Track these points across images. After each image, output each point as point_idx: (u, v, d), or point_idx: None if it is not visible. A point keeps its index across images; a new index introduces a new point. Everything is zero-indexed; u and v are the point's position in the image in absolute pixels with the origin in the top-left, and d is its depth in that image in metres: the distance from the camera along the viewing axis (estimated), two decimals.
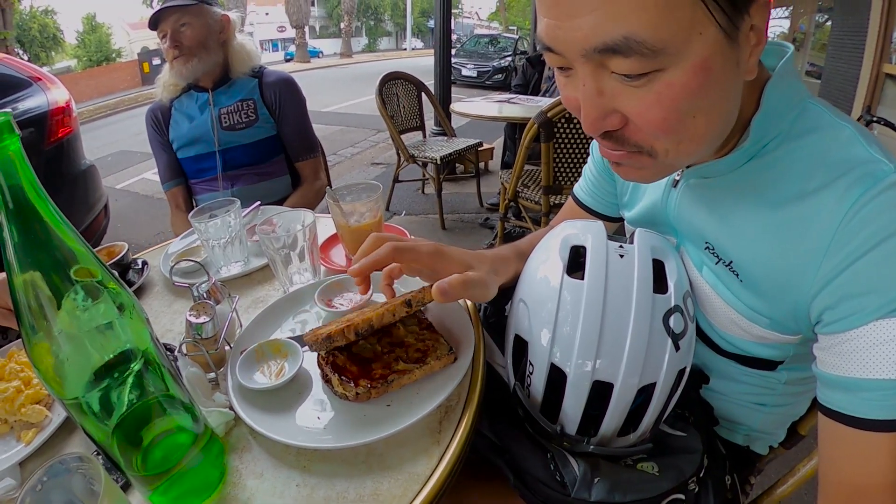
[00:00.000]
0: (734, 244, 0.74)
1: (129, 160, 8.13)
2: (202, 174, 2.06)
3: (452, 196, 4.75)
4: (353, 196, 1.18)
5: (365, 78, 18.66)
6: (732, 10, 0.55)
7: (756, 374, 0.85)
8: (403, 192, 4.92)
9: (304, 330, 0.99)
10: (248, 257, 1.29)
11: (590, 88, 0.61)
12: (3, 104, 3.21)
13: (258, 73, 2.07)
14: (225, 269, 1.26)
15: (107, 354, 0.58)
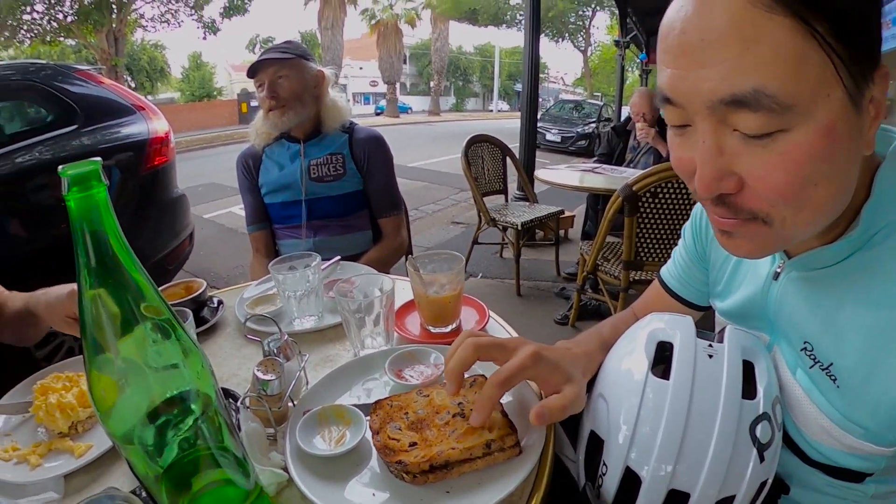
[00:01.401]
0: (836, 346, 0.68)
1: (219, 192, 8.57)
2: (287, 221, 2.11)
3: (530, 262, 4.70)
4: (435, 265, 1.17)
5: (451, 136, 19.08)
6: (859, 73, 0.53)
7: (841, 485, 0.77)
8: (481, 255, 4.90)
9: (370, 398, 0.96)
10: (323, 313, 1.29)
11: (709, 145, 0.58)
12: (107, 128, 3.41)
13: (349, 129, 2.13)
14: (298, 322, 1.26)
15: (168, 392, 0.59)
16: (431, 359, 1.01)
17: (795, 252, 0.72)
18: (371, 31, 37.95)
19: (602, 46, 35.61)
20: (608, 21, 29.53)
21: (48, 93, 3.35)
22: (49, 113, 3.42)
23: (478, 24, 28.98)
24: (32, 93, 3.39)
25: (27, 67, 3.56)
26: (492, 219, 4.12)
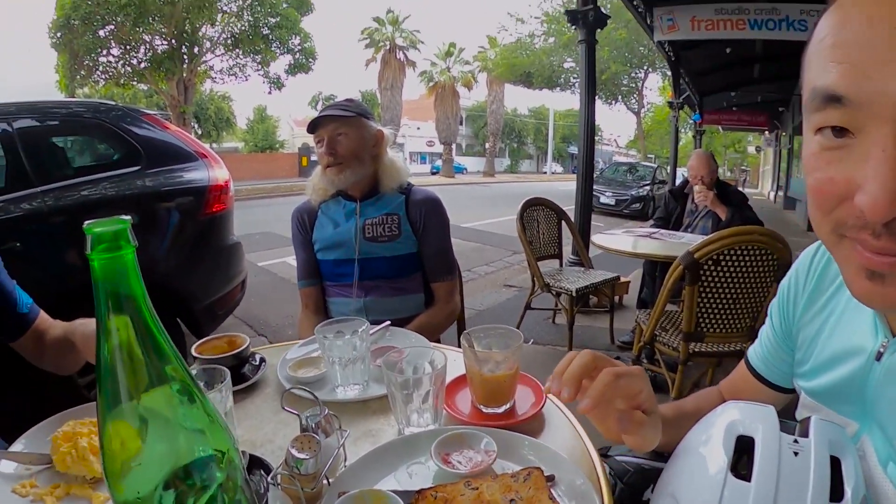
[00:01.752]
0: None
1: (274, 242, 8.72)
2: (338, 279, 2.07)
3: (583, 329, 4.55)
4: (491, 341, 1.09)
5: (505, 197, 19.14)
6: None
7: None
8: (533, 320, 4.77)
9: (412, 484, 0.87)
10: (368, 382, 1.22)
11: (891, 154, 0.48)
12: (170, 171, 3.51)
13: (406, 190, 2.10)
14: (341, 390, 1.19)
15: (191, 456, 0.54)
16: (482, 444, 0.92)
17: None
18: (429, 92, 39.21)
19: (655, 108, 35.60)
20: (660, 82, 29.47)
21: (116, 133, 3.49)
22: (115, 152, 3.56)
23: (532, 86, 29.38)
24: (101, 131, 3.55)
25: (99, 106, 3.70)
26: (546, 284, 4.03)
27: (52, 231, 3.10)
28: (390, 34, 35.95)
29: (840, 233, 0.56)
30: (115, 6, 19.77)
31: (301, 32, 24.05)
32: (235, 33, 22.96)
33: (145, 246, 3.16)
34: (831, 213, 0.55)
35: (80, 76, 21.77)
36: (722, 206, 3.93)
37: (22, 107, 3.40)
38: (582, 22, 5.47)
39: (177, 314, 3.55)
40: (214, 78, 26.16)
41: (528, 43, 26.30)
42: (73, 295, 3.01)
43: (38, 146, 3.30)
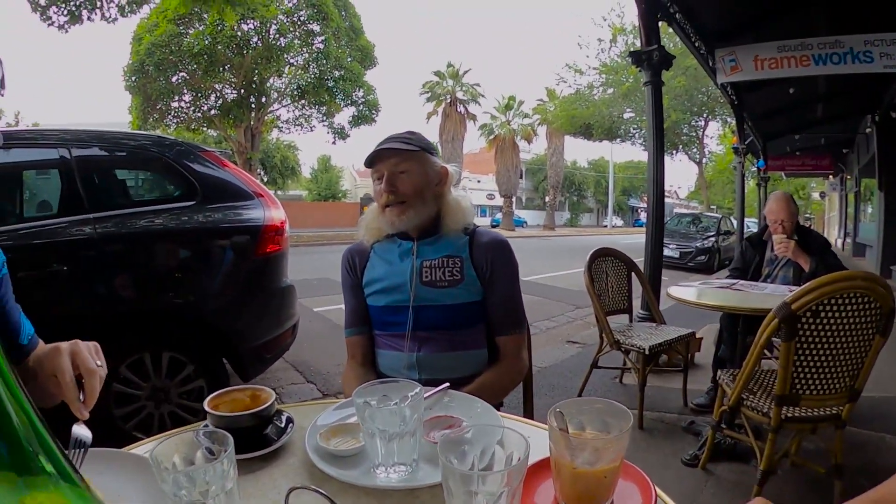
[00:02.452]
0: None
1: (331, 288, 8.65)
2: (389, 328, 1.82)
3: (653, 390, 4.15)
4: (586, 419, 0.80)
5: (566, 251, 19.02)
6: None
7: None
8: (598, 379, 4.42)
9: None
10: (418, 462, 0.94)
11: None
12: (225, 208, 3.49)
13: (470, 231, 1.85)
14: (382, 472, 0.92)
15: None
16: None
17: None
18: (489, 145, 39.71)
19: (716, 157, 34.70)
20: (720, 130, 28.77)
21: (174, 167, 3.51)
22: (173, 186, 3.61)
23: (592, 138, 29.15)
24: (161, 165, 3.59)
25: (163, 141, 3.77)
26: (616, 340, 3.71)
27: (102, 258, 3.12)
28: (451, 88, 36.65)
29: None
30: (188, 55, 21.05)
31: (364, 85, 24.75)
32: (302, 85, 23.70)
33: (197, 281, 3.42)
34: None
35: (152, 119, 23.06)
36: (804, 256, 3.59)
37: (91, 134, 3.51)
38: (647, 63, 5.30)
39: (223, 354, 3.49)
40: (281, 127, 27.32)
41: (586, 94, 26.10)
42: (116, 321, 3.13)
43: (95, 174, 3.37)
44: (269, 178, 39.70)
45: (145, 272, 3.27)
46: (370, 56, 24.95)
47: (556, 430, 0.77)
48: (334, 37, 23.17)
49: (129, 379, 3.14)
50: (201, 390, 3.29)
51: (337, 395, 4.28)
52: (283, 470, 1.00)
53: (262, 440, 1.05)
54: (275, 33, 22.21)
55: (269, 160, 38.20)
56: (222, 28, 19.93)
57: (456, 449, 0.74)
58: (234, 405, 1.11)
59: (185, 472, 0.75)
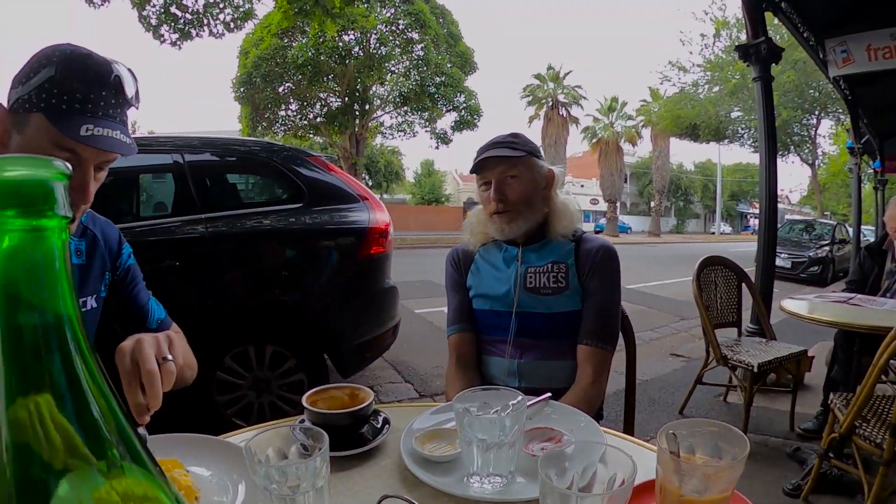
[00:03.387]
0: None
1: (433, 291, 8.79)
2: (491, 332, 1.80)
3: (759, 411, 3.88)
4: (697, 442, 0.74)
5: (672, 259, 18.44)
6: None
7: None
8: (701, 397, 4.20)
9: None
10: (514, 474, 0.91)
11: None
12: (331, 211, 3.60)
13: (577, 237, 1.80)
14: (476, 482, 0.89)
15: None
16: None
17: None
18: (592, 149, 38.89)
19: (829, 158, 31.96)
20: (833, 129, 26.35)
21: (282, 171, 3.66)
22: (281, 189, 3.76)
23: (699, 140, 27.66)
24: (270, 168, 3.75)
25: (271, 147, 3.95)
26: (723, 356, 3.50)
27: (212, 255, 3.33)
28: (552, 90, 36.30)
29: None
30: (292, 66, 22.02)
31: (465, 91, 24.90)
32: (403, 92, 24.17)
33: (302, 280, 3.56)
34: None
35: (261, 127, 24.25)
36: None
37: (203, 141, 3.74)
38: (754, 57, 5.00)
39: (324, 350, 3.61)
40: (384, 133, 27.98)
41: (691, 93, 24.75)
42: (224, 315, 3.31)
43: (208, 177, 3.58)
44: (374, 183, 41.01)
45: (253, 269, 3.44)
46: (470, 61, 25.13)
47: (665, 453, 0.71)
48: (433, 44, 23.47)
49: (233, 369, 3.32)
50: (301, 383, 3.41)
51: (433, 396, 4.31)
52: (375, 471, 1.00)
53: (357, 439, 1.06)
54: (375, 42, 22.76)
55: (373, 165, 39.29)
56: (324, 40, 20.61)
57: (556, 464, 0.70)
58: (332, 402, 1.12)
59: (277, 467, 0.75)
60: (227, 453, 1.00)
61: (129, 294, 1.41)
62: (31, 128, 1.06)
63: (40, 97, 1.04)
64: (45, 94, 1.04)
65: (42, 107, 1.03)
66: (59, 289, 0.29)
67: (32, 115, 1.05)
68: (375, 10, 21.97)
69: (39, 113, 1.04)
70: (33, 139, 1.06)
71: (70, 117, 1.04)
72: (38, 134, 1.05)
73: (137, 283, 1.43)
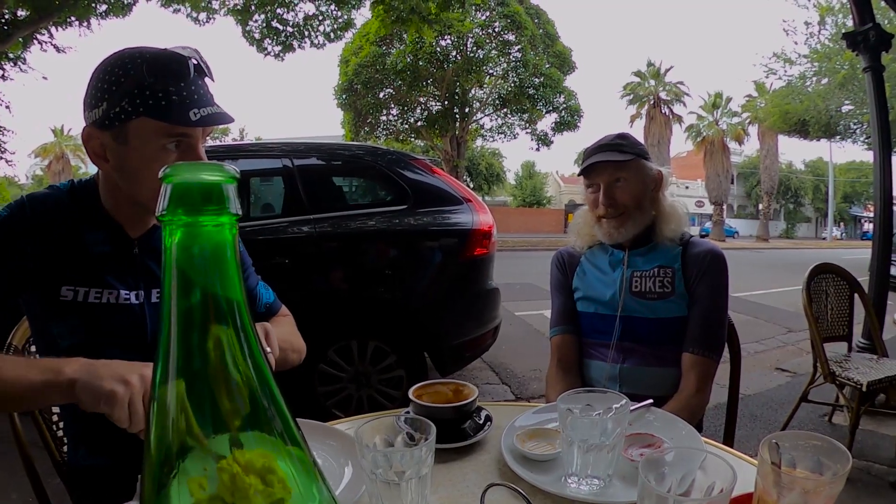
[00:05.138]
0: None
1: (534, 294, 8.81)
2: (595, 335, 1.80)
3: (865, 434, 3.57)
4: (800, 455, 0.72)
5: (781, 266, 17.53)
6: None
7: None
8: (805, 415, 3.96)
9: None
10: (612, 478, 0.92)
11: None
12: (435, 212, 3.69)
13: (684, 241, 1.77)
14: (574, 482, 0.91)
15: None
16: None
17: None
18: (697, 148, 37.62)
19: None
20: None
21: (387, 174, 3.79)
22: (385, 191, 3.90)
23: (808, 137, 25.67)
24: (374, 172, 3.91)
25: (376, 151, 4.15)
26: (831, 372, 3.27)
27: (318, 254, 3.51)
28: (653, 88, 35.44)
29: None
30: (392, 72, 22.49)
31: (565, 91, 24.68)
32: (502, 94, 24.26)
33: (406, 279, 3.69)
34: None
35: (363, 132, 24.97)
36: None
37: (310, 146, 3.96)
38: (863, 45, 4.63)
39: (424, 348, 3.70)
40: (484, 136, 28.11)
41: (799, 87, 23.01)
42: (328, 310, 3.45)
43: (316, 180, 3.76)
44: (475, 185, 41.28)
45: (357, 268, 3.59)
46: (568, 61, 24.89)
47: (767, 464, 0.70)
48: (530, 45, 23.35)
49: (335, 362, 3.49)
50: (400, 379, 3.53)
51: (530, 399, 4.30)
52: (475, 465, 1.03)
53: (459, 433, 1.09)
54: (472, 46, 22.91)
55: (474, 167, 39.58)
56: (422, 45, 20.96)
57: (656, 469, 0.71)
58: (437, 397, 1.17)
59: (384, 452, 0.80)
60: (335, 438, 1.07)
61: None
62: (134, 133, 1.13)
63: (135, 103, 1.10)
64: (140, 98, 1.10)
65: (142, 111, 1.10)
66: (231, 275, 0.34)
67: (132, 122, 1.11)
68: (471, 14, 22.00)
69: (141, 117, 1.10)
70: (144, 141, 1.13)
71: (176, 108, 1.11)
72: (146, 135, 1.12)
73: (247, 269, 1.52)
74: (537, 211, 41.17)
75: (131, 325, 1.25)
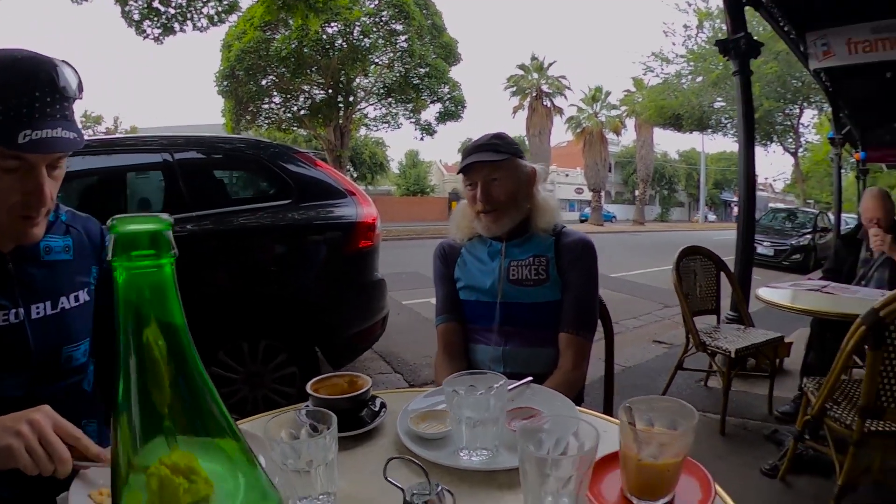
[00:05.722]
0: None
1: (420, 282, 8.91)
2: (479, 321, 1.92)
3: (738, 395, 4.03)
4: (656, 416, 0.87)
5: (655, 247, 18.55)
6: None
7: None
8: (683, 382, 4.36)
9: None
10: (499, 448, 1.03)
11: None
12: (319, 206, 3.71)
13: (557, 231, 1.92)
14: (465, 455, 1.02)
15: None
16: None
17: None
18: (577, 139, 39.01)
19: (812, 147, 32.16)
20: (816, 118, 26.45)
21: (270, 168, 3.75)
22: (269, 185, 3.84)
23: (682, 130, 27.77)
24: (257, 166, 3.85)
25: (258, 143, 4.04)
26: (701, 342, 3.64)
27: (204, 253, 3.42)
28: (536, 81, 36.39)
29: None
30: (276, 59, 21.85)
31: (450, 82, 24.94)
32: (387, 83, 24.24)
33: (293, 275, 3.66)
34: None
35: (244, 121, 24.12)
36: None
37: (189, 139, 3.82)
38: (734, 52, 5.14)
39: (315, 343, 3.69)
40: (369, 125, 27.94)
41: (675, 84, 24.83)
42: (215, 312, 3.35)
43: (197, 176, 3.67)
44: (359, 174, 40.85)
45: (243, 266, 3.54)
46: (454, 52, 25.09)
47: (625, 424, 0.84)
48: (417, 35, 23.30)
49: (226, 364, 3.42)
50: (293, 376, 3.52)
51: (423, 385, 4.42)
52: (375, 449, 1.11)
53: (358, 421, 1.17)
54: (359, 34, 22.68)
55: (358, 157, 39.14)
56: (307, 32, 20.40)
57: (533, 437, 0.82)
58: (334, 389, 1.23)
59: (291, 445, 0.87)
60: None
61: None
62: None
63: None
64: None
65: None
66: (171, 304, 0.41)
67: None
68: (359, 2, 21.86)
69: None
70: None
71: (6, 127, 0.99)
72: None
73: None
74: (421, 200, 41.40)
75: (13, 345, 1.17)
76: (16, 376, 1.06)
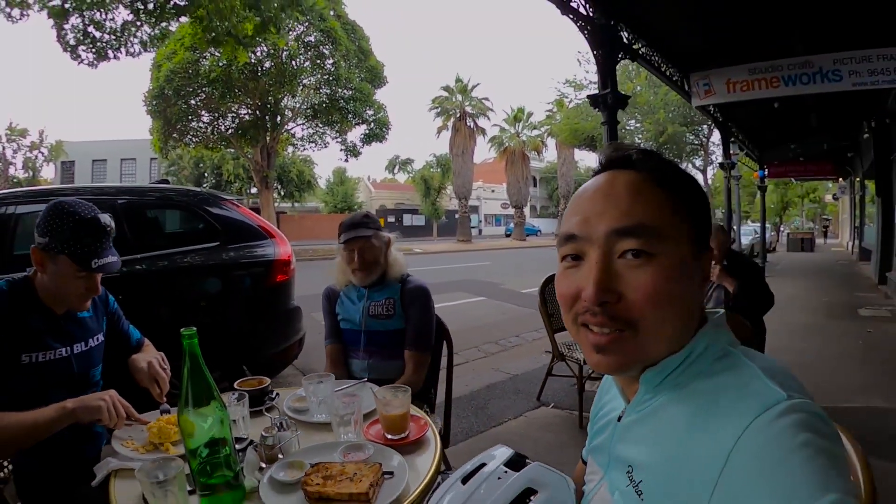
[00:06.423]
0: (648, 467, 0.82)
1: None
2: (352, 344, 2.67)
3: (594, 394, 4.61)
4: (391, 393, 1.76)
5: None
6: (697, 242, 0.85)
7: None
8: (560, 385, 5.00)
9: None
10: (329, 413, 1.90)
11: None
12: (244, 247, 4.34)
13: (402, 280, 2.68)
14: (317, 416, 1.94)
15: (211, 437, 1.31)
16: (367, 450, 1.59)
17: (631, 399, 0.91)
18: (499, 157, 39.63)
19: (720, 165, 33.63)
20: None
21: (199, 214, 4.33)
22: (199, 229, 4.37)
23: (596, 150, 29.12)
24: (188, 211, 4.41)
25: (188, 191, 4.60)
26: (560, 353, 4.38)
27: (144, 291, 3.90)
28: (459, 102, 36.80)
29: (578, 322, 0.85)
30: (205, 80, 21.99)
31: (375, 104, 25.47)
32: (314, 105, 24.71)
33: (223, 306, 4.22)
34: (571, 309, 0.86)
35: (172, 139, 23.89)
36: (730, 279, 3.98)
37: (121, 189, 4.37)
38: (602, 105, 5.83)
39: (243, 362, 4.16)
40: (296, 144, 27.92)
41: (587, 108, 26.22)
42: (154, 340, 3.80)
43: (135, 221, 4.10)
44: (286, 193, 40.38)
45: (178, 301, 4.09)
46: (380, 76, 25.67)
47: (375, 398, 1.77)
48: (344, 59, 23.94)
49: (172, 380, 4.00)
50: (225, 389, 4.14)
51: None
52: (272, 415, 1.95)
53: (262, 402, 2.07)
54: (287, 57, 23.00)
55: (285, 175, 37.89)
56: None
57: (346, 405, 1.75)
58: (249, 385, 2.11)
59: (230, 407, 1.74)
60: None
61: (119, 327, 2.18)
62: (61, 262, 1.73)
63: (64, 245, 1.71)
64: (66, 244, 1.71)
65: (66, 252, 1.71)
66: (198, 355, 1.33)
67: (59, 256, 1.71)
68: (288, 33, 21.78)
69: (64, 255, 1.71)
70: (63, 269, 1.74)
71: (85, 257, 1.72)
72: (65, 267, 1.73)
73: (122, 318, 2.18)
74: None
75: (65, 369, 1.86)
76: (63, 388, 1.80)
